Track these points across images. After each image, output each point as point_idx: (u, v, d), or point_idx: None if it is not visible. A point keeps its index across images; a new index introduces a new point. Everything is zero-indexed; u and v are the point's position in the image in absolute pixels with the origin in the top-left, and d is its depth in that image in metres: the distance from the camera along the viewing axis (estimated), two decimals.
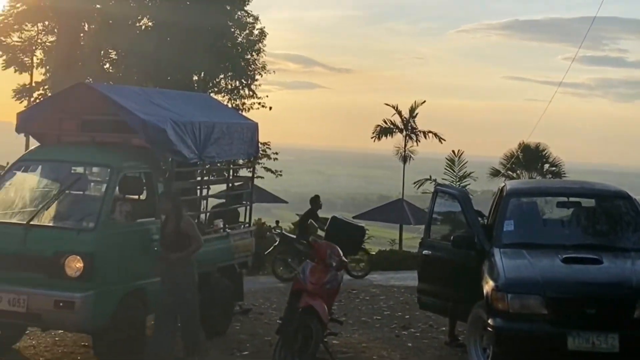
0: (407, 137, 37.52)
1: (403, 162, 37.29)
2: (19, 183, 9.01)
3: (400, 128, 37.68)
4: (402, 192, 36.23)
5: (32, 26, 44.22)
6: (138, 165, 9.04)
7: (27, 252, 8.01)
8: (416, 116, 37.62)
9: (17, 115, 9.65)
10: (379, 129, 37.98)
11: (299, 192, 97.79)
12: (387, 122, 37.84)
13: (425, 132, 37.32)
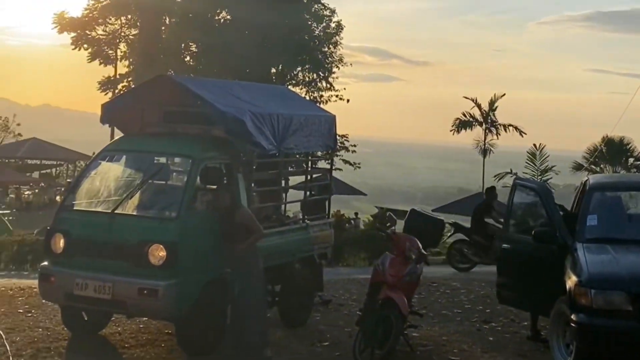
0: (487, 130, 37.06)
1: (483, 156, 36.86)
2: (103, 172, 9.21)
3: (479, 121, 37.26)
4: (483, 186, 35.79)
5: (116, 20, 45.35)
6: (218, 156, 9.17)
7: (112, 240, 8.20)
8: (496, 109, 37.12)
9: (101, 107, 9.89)
10: (458, 122, 37.63)
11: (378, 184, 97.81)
12: (467, 115, 37.46)
13: (505, 125, 36.79)
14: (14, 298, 11.57)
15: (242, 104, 9.58)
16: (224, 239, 8.51)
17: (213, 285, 8.43)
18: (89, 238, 8.36)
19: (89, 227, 8.46)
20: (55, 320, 9.60)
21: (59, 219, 8.74)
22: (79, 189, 9.07)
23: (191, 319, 8.18)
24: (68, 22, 43.51)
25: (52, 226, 8.78)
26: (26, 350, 8.17)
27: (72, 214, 8.77)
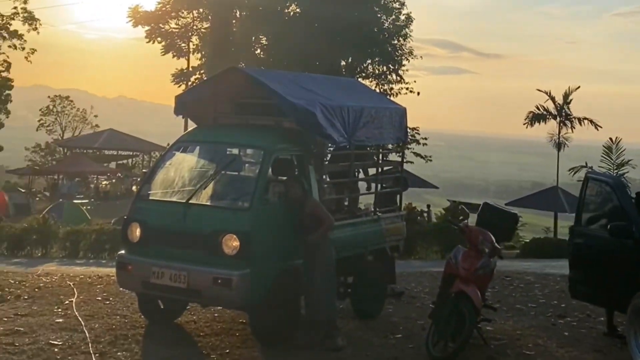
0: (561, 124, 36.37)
1: (557, 149, 36.19)
2: (178, 163, 9.37)
3: (553, 114, 36.59)
4: (557, 180, 35.22)
5: (188, 13, 46.16)
6: (290, 148, 9.23)
7: (186, 230, 8.35)
8: (570, 102, 36.36)
9: (175, 98, 10.06)
10: (531, 115, 37.02)
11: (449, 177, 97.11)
12: (540, 108, 36.81)
13: (580, 118, 36.01)
14: (93, 286, 11.92)
15: (312, 96, 9.62)
16: (296, 229, 8.58)
17: (286, 275, 8.51)
18: (164, 227, 8.52)
19: (164, 217, 8.62)
20: (133, 308, 9.85)
21: (135, 208, 8.93)
22: (154, 179, 9.26)
23: (264, 309, 8.27)
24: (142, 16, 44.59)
25: (128, 216, 8.98)
26: (104, 337, 8.38)
27: (148, 203, 8.96)
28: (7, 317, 9.24)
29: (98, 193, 47.69)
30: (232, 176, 9.38)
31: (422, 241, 19.42)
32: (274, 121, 9.69)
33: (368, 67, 36.79)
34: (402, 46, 36.46)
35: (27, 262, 16.58)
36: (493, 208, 10.49)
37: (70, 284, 11.97)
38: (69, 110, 71.39)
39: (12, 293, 10.99)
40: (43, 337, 8.24)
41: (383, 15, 36.23)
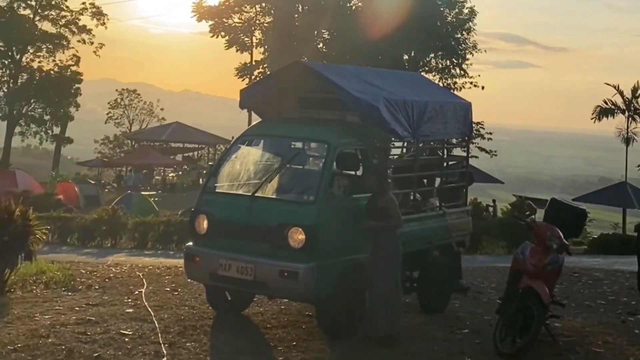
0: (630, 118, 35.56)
1: (625, 144, 35.43)
2: (243, 156, 9.44)
3: (622, 109, 35.78)
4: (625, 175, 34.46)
5: (251, 8, 46.54)
6: (354, 142, 9.22)
7: (252, 223, 8.42)
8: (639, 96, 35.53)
9: (240, 92, 10.13)
10: (598, 109, 36.32)
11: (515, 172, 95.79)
12: (608, 103, 36.06)
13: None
14: (161, 276, 12.14)
15: (376, 90, 9.57)
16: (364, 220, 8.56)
17: (352, 269, 8.50)
18: (230, 220, 8.60)
19: (231, 210, 8.70)
20: (200, 299, 9.97)
21: (202, 201, 9.03)
22: (221, 172, 9.34)
23: (330, 302, 8.27)
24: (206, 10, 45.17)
25: (195, 208, 9.09)
26: (174, 328, 8.50)
27: (215, 196, 9.05)
28: (79, 306, 9.46)
29: (165, 185, 48.47)
30: (297, 170, 9.41)
31: (488, 236, 19.23)
32: (338, 115, 9.67)
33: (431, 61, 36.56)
34: (465, 40, 36.15)
35: (97, 253, 17.00)
36: (561, 204, 10.29)
37: (139, 274, 12.22)
38: (136, 103, 72.98)
39: (84, 283, 11.25)
40: (114, 326, 8.40)
41: (446, 9, 35.94)
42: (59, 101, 49.67)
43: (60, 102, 49.78)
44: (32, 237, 10.69)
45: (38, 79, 49.57)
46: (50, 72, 50.20)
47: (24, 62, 50.08)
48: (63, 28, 50.97)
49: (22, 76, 50.04)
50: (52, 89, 48.96)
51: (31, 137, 51.41)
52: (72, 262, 14.03)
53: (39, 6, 50.32)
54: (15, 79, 49.65)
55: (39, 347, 7.45)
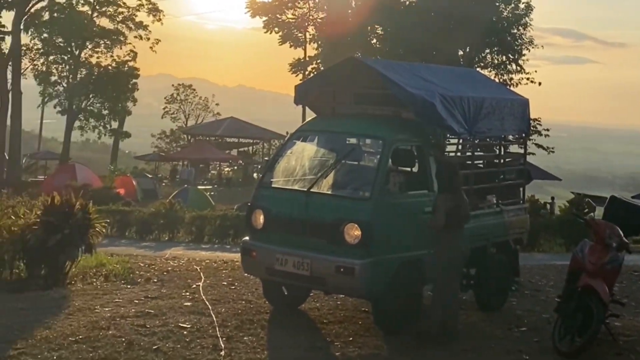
0: None
1: None
2: (298, 152, 9.44)
3: None
4: None
5: (304, 3, 46.76)
6: (409, 139, 9.15)
7: (308, 218, 8.42)
8: None
9: (295, 88, 10.15)
10: None
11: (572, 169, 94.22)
12: None
13: None
14: (218, 270, 12.24)
15: (431, 86, 9.49)
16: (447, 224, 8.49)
17: (408, 266, 8.46)
18: (287, 215, 8.62)
19: (287, 205, 8.71)
20: (257, 293, 10.02)
21: (259, 195, 9.08)
22: (276, 168, 9.36)
23: (387, 298, 8.25)
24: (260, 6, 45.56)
25: (252, 203, 9.14)
26: (231, 322, 8.56)
27: (271, 191, 9.08)
28: (138, 299, 9.59)
29: (220, 179, 48.90)
30: (352, 166, 9.36)
31: (545, 234, 18.96)
32: (393, 112, 9.61)
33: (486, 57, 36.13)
34: (521, 35, 35.63)
35: (155, 246, 17.24)
36: (621, 201, 10.10)
37: (196, 268, 12.35)
38: (191, 98, 73.82)
39: (142, 276, 11.41)
40: (172, 319, 8.49)
41: (502, 4, 35.44)
42: (116, 96, 50.42)
43: (118, 97, 50.55)
44: (92, 230, 10.88)
45: (96, 74, 50.37)
46: (108, 68, 51.03)
47: (82, 57, 51.01)
48: (120, 24, 51.85)
49: (81, 71, 50.95)
50: (110, 84, 49.74)
51: (90, 131, 52.07)
52: (131, 255, 14.25)
53: (97, 3, 51.29)
54: (75, 74, 50.57)
55: (100, 339, 7.57)
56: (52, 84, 50.44)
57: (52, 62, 50.70)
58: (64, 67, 50.98)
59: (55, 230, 10.33)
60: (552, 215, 25.17)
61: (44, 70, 50.17)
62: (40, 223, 10.45)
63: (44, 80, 50.02)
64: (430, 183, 8.95)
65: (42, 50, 49.67)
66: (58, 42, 49.72)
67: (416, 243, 8.55)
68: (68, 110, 49.89)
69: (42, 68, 50.30)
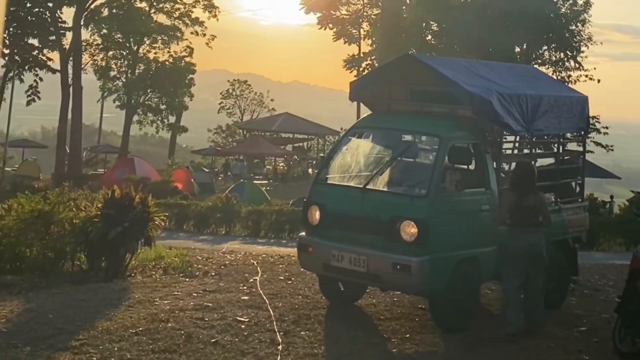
0: None
1: None
2: (354, 148, 9.41)
3: None
4: None
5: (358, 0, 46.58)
6: (466, 136, 9.07)
7: (364, 215, 8.41)
8: None
9: (350, 85, 10.13)
10: None
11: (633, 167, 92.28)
12: None
13: None
14: (275, 265, 12.31)
15: (488, 83, 9.39)
16: (512, 222, 8.44)
17: (466, 264, 8.39)
18: (343, 211, 8.63)
19: (343, 201, 8.72)
20: (314, 288, 10.03)
21: (315, 191, 9.10)
22: (332, 164, 9.38)
23: (444, 296, 8.21)
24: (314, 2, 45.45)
25: (308, 198, 9.17)
26: (288, 316, 8.59)
27: (327, 187, 9.09)
28: (196, 292, 9.68)
29: (276, 174, 49.11)
30: (408, 163, 9.33)
31: (604, 233, 18.61)
32: (449, 109, 9.53)
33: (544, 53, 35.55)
34: (580, 32, 34.94)
35: (212, 240, 17.41)
36: None
37: (253, 262, 12.42)
38: (247, 94, 74.16)
39: (200, 269, 11.52)
40: (230, 313, 8.55)
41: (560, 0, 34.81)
42: (174, 91, 50.84)
43: (175, 91, 50.97)
44: (152, 224, 10.98)
45: (154, 70, 50.83)
46: (165, 63, 51.39)
47: (140, 53, 51.50)
48: (177, 20, 52.08)
49: (139, 67, 51.55)
50: (168, 79, 50.17)
51: (148, 125, 52.70)
52: (189, 248, 14.41)
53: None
54: (133, 69, 51.12)
55: (159, 331, 7.66)
56: (112, 78, 51.16)
57: (112, 58, 51.38)
58: (123, 62, 51.58)
59: (115, 223, 10.44)
60: (612, 214, 24.70)
61: (104, 66, 50.73)
62: (101, 216, 10.58)
63: (104, 75, 50.68)
64: (487, 181, 8.88)
65: (101, 45, 50.25)
66: (117, 37, 50.27)
67: (473, 241, 8.48)
68: (127, 104, 50.51)
69: (102, 63, 50.86)
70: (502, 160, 9.55)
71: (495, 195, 8.87)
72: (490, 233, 8.63)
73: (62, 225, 10.83)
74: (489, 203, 8.75)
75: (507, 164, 10.36)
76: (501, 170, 9.54)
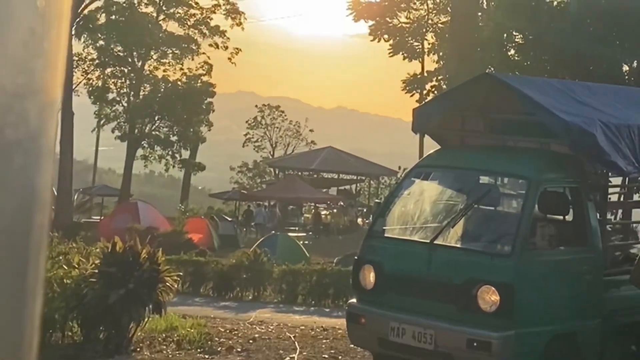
0: None
1: None
2: (418, 193, 9.59)
3: None
4: None
5: (422, 4, 46.73)
6: (562, 178, 9.18)
7: (432, 278, 8.53)
8: None
9: (413, 112, 10.29)
10: None
11: None
12: None
13: None
14: (317, 339, 12.37)
15: (589, 111, 9.50)
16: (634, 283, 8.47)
17: (561, 341, 8.42)
18: (404, 273, 8.76)
19: (404, 260, 8.86)
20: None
21: (368, 247, 9.24)
22: (390, 212, 9.53)
23: None
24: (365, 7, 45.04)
25: (359, 256, 9.32)
26: None
27: (383, 242, 9.23)
28: None
29: (316, 225, 48.99)
30: (487, 212, 9.44)
31: None
32: (540, 143, 9.63)
33: None
34: None
35: (237, 307, 17.51)
36: None
37: (290, 336, 12.48)
38: (279, 122, 73.98)
39: (223, 344, 11.60)
40: None
41: None
42: (188, 118, 49.90)
43: (189, 119, 50.00)
44: (162, 285, 11.06)
45: (163, 91, 50.35)
46: (177, 83, 50.82)
47: (146, 70, 51.19)
48: (192, 29, 51.20)
49: (144, 88, 51.23)
50: (180, 103, 48.84)
51: (155, 161, 52.39)
52: (208, 317, 14.52)
53: (164, 2, 50.84)
54: (137, 91, 50.82)
55: None
56: (110, 102, 50.89)
57: (110, 76, 51.04)
58: (124, 81, 51.20)
59: (117, 284, 10.57)
60: None
61: (100, 86, 50.02)
62: (99, 275, 10.71)
63: (100, 98, 50.14)
64: (588, 235, 8.90)
65: (97, 61, 49.85)
66: (117, 51, 49.85)
67: (571, 312, 8.52)
68: (129, 135, 50.04)
69: (98, 83, 50.20)
70: (607, 210, 9.58)
71: (599, 254, 8.89)
72: (592, 302, 8.65)
73: (50, 287, 10.95)
74: (591, 264, 8.77)
75: (613, 214, 10.37)
76: (607, 222, 9.55)
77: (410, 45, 46.68)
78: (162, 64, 51.76)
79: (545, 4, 34.77)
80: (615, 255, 9.48)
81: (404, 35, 46.50)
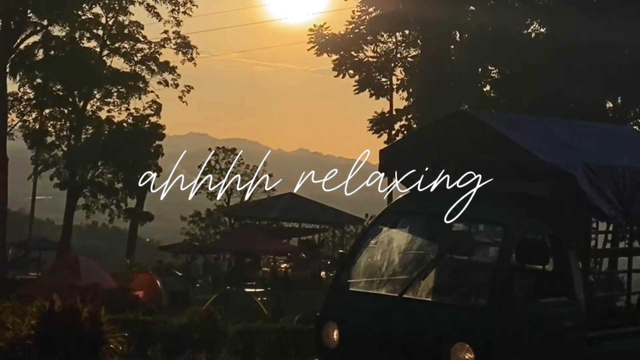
0: None
1: None
2: (385, 242, 9.64)
3: None
4: None
5: (389, 37, 46.84)
6: (541, 224, 9.25)
7: (400, 335, 8.53)
8: None
9: (380, 153, 10.37)
10: None
11: None
12: None
13: None
14: None
15: (570, 152, 9.60)
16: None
17: None
18: (371, 330, 8.74)
19: (371, 316, 8.88)
20: None
21: (331, 302, 9.28)
22: (355, 263, 9.59)
23: None
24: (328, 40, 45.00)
25: (322, 312, 9.34)
26: None
27: (348, 297, 9.25)
28: None
29: (275, 279, 48.87)
30: (461, 262, 9.51)
31: None
32: (518, 187, 9.70)
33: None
34: None
35: None
36: None
37: None
38: (236, 167, 74.10)
39: None
40: None
41: None
42: (134, 163, 50.00)
43: (136, 164, 50.16)
44: (105, 348, 11.05)
45: (107, 134, 50.44)
46: (122, 124, 50.93)
47: (88, 111, 50.94)
48: (139, 65, 50.99)
49: (86, 130, 51.11)
50: (126, 146, 48.96)
51: (98, 211, 52.28)
52: None
53: (108, 36, 50.91)
54: (78, 133, 50.57)
55: None
56: (48, 146, 50.71)
57: (48, 117, 50.99)
58: (64, 123, 51.01)
59: (55, 346, 10.55)
60: None
61: (38, 129, 50.07)
62: (36, 336, 10.66)
63: (38, 142, 50.09)
64: (570, 286, 8.95)
65: (34, 101, 49.42)
66: (56, 89, 49.44)
67: None
68: (69, 182, 49.92)
69: (35, 125, 50.13)
70: (591, 258, 9.66)
71: (581, 307, 8.93)
72: (576, 359, 8.68)
73: None
74: (574, 317, 8.81)
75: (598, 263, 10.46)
76: (590, 272, 9.62)
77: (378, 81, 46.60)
78: (106, 104, 51.63)
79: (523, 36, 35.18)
80: (599, 308, 9.51)
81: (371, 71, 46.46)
